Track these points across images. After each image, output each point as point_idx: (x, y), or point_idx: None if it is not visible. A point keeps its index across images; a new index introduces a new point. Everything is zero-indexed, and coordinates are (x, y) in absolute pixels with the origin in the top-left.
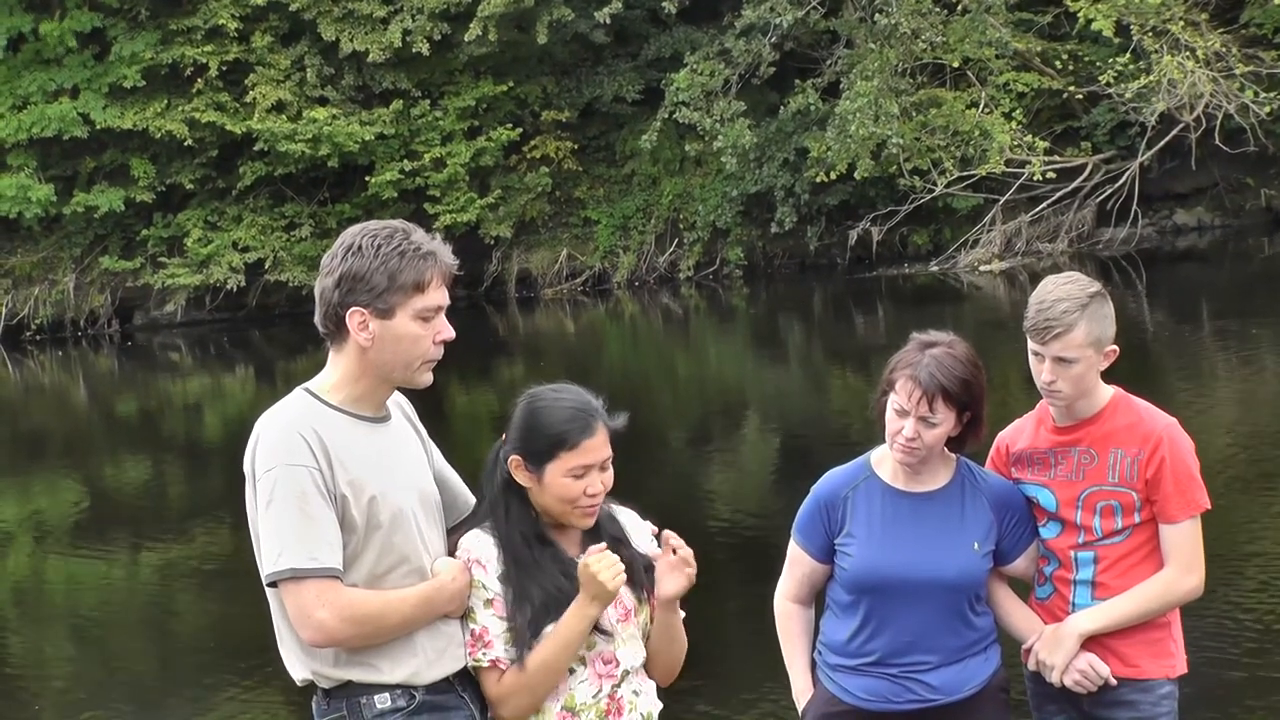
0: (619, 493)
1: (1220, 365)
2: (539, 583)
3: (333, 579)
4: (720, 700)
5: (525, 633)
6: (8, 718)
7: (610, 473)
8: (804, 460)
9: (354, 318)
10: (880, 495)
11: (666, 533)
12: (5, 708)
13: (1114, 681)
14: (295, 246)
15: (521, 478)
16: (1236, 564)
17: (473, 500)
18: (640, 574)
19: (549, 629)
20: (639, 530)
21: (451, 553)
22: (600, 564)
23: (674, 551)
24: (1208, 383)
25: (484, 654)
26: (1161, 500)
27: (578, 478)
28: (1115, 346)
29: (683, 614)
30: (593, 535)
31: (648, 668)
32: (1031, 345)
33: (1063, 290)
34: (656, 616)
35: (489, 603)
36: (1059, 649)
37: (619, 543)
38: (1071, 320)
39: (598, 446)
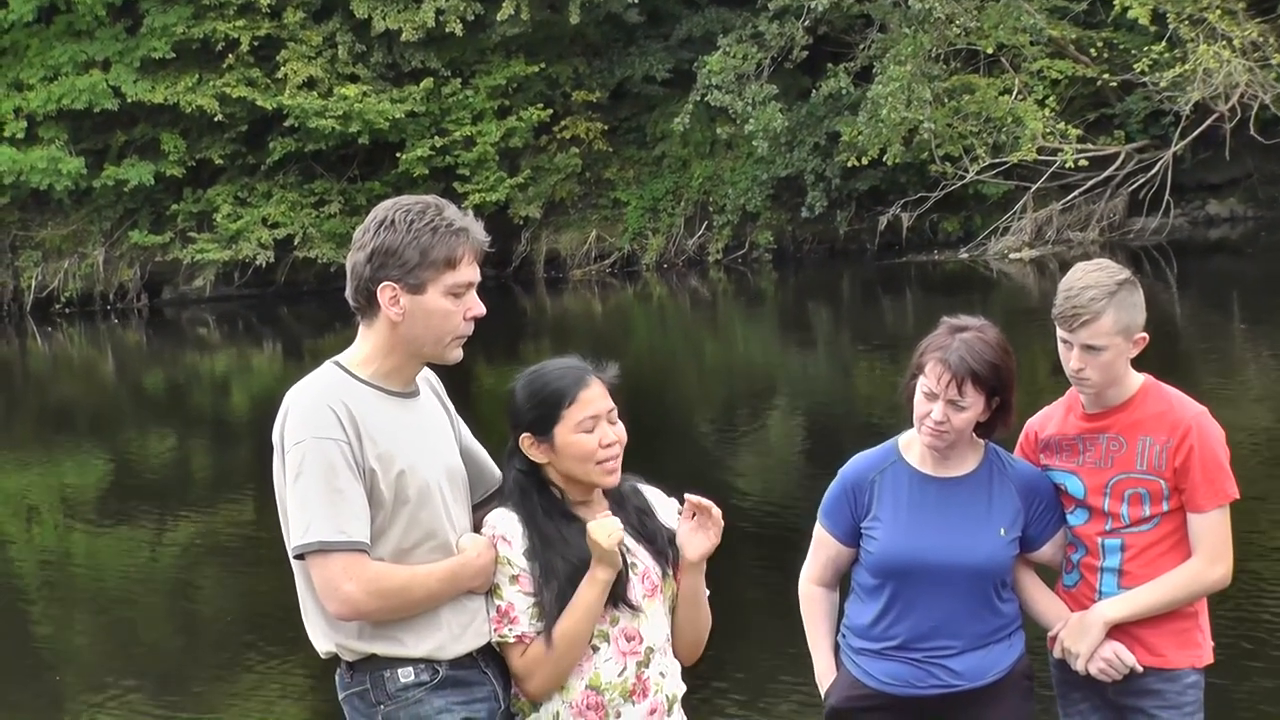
0: (645, 473)
1: (1250, 356)
2: (564, 556)
3: (360, 553)
4: (743, 682)
5: (553, 607)
6: (31, 690)
7: (620, 425)
8: (830, 444)
9: (385, 293)
10: (907, 479)
11: (689, 495)
12: (29, 680)
13: (1140, 669)
14: (324, 223)
15: (537, 454)
16: (1265, 554)
17: (499, 476)
18: (665, 547)
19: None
20: (665, 505)
21: (477, 529)
22: (598, 524)
23: (693, 515)
24: (1238, 373)
25: (510, 630)
26: (1190, 489)
27: (587, 432)
28: (1145, 334)
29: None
30: (618, 506)
31: (673, 644)
32: (1060, 333)
33: (1091, 278)
34: (683, 580)
35: (514, 579)
36: (1084, 637)
37: (644, 513)
38: (1099, 308)
39: (596, 397)
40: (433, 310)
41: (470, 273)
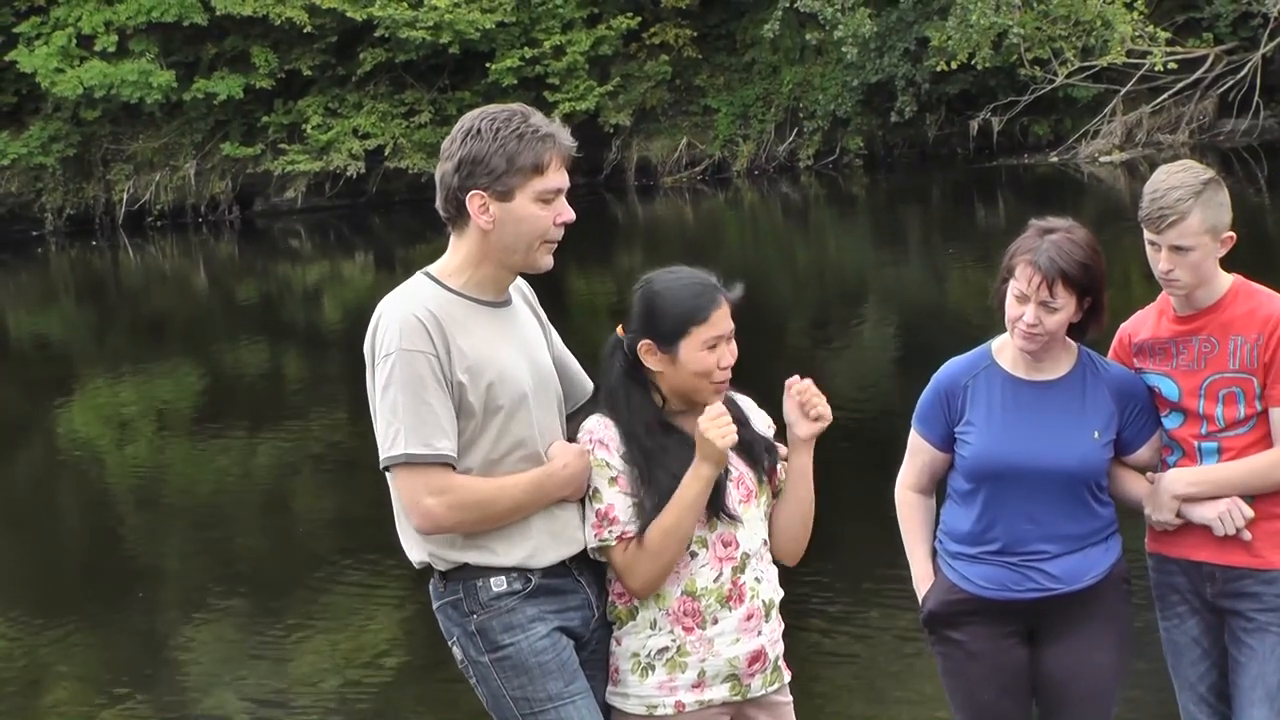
0: (738, 380)
1: None
2: (667, 469)
3: (445, 466)
4: (840, 589)
5: (653, 515)
6: (127, 604)
7: (734, 345)
8: (924, 349)
9: (474, 201)
10: (1000, 384)
11: (790, 380)
12: (125, 594)
13: (1247, 536)
14: (415, 133)
15: (653, 362)
16: None
17: (591, 386)
18: (761, 455)
19: None
20: (757, 413)
21: (571, 438)
22: (710, 422)
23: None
24: None
25: (611, 531)
26: (1272, 382)
27: (711, 349)
28: (1232, 233)
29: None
30: None
31: (775, 545)
32: (1148, 235)
33: (1176, 178)
34: (792, 459)
35: (613, 480)
36: (1161, 508)
37: (739, 424)
38: (1186, 208)
39: (724, 317)
40: (522, 217)
41: (558, 178)
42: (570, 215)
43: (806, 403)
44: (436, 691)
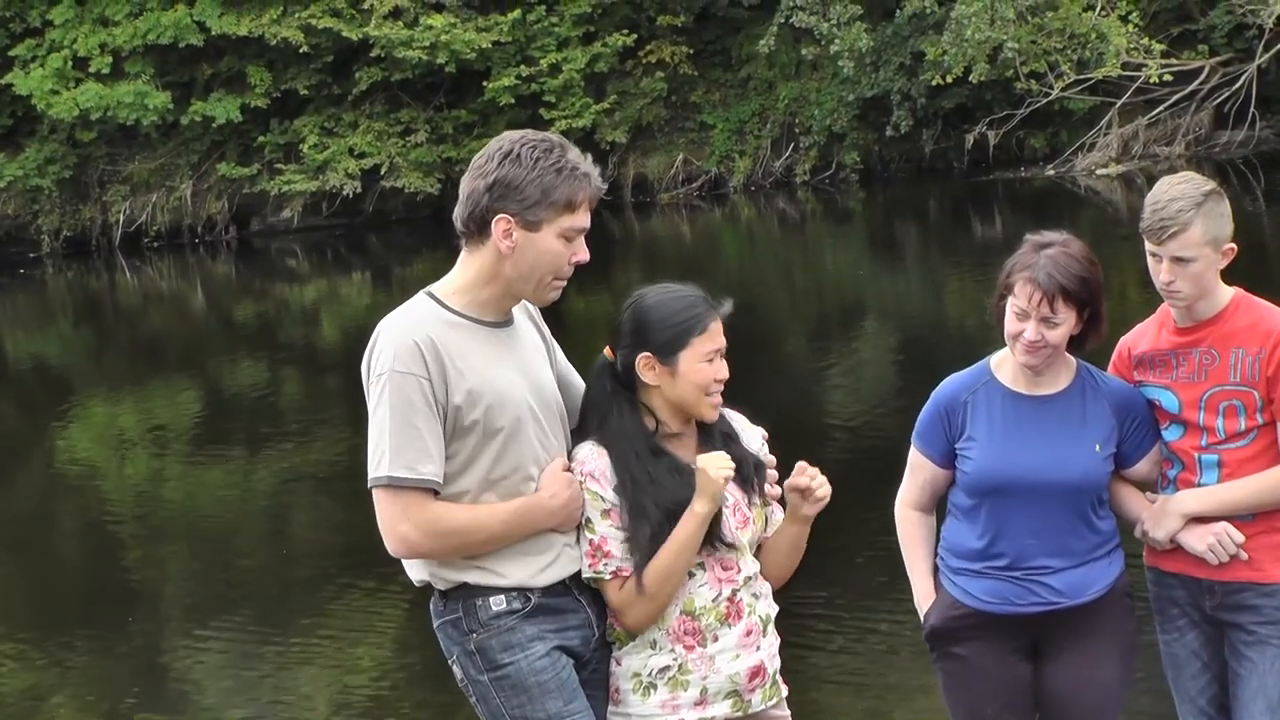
0: (737, 397)
1: None
2: (656, 499)
3: (426, 491)
4: (840, 606)
5: (647, 548)
6: (125, 625)
7: (725, 361)
8: (923, 365)
9: (500, 225)
10: (1000, 399)
11: (800, 466)
12: (124, 613)
13: (1244, 556)
14: (411, 152)
15: (652, 376)
16: None
17: None
18: (751, 472)
19: None
20: (749, 432)
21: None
22: (709, 458)
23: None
24: None
25: (605, 564)
26: (1279, 397)
27: (710, 362)
28: (1233, 245)
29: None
30: (706, 435)
31: (762, 570)
32: (1149, 246)
33: (1178, 190)
34: (789, 527)
35: (606, 513)
36: (1162, 524)
37: (729, 439)
38: (1187, 219)
39: (720, 331)
40: (543, 250)
41: (585, 219)
42: (585, 256)
43: (808, 491)
44: (437, 710)
